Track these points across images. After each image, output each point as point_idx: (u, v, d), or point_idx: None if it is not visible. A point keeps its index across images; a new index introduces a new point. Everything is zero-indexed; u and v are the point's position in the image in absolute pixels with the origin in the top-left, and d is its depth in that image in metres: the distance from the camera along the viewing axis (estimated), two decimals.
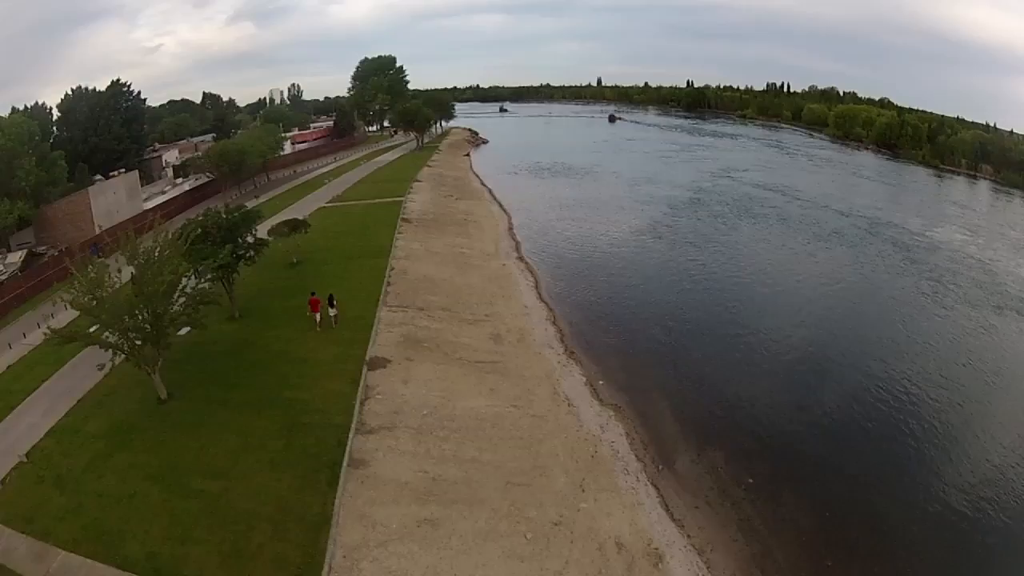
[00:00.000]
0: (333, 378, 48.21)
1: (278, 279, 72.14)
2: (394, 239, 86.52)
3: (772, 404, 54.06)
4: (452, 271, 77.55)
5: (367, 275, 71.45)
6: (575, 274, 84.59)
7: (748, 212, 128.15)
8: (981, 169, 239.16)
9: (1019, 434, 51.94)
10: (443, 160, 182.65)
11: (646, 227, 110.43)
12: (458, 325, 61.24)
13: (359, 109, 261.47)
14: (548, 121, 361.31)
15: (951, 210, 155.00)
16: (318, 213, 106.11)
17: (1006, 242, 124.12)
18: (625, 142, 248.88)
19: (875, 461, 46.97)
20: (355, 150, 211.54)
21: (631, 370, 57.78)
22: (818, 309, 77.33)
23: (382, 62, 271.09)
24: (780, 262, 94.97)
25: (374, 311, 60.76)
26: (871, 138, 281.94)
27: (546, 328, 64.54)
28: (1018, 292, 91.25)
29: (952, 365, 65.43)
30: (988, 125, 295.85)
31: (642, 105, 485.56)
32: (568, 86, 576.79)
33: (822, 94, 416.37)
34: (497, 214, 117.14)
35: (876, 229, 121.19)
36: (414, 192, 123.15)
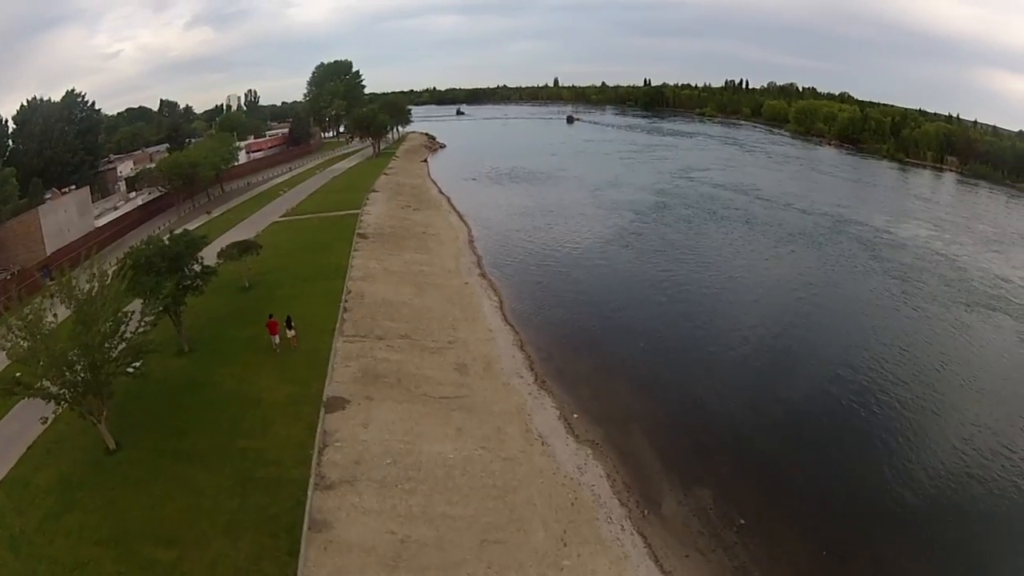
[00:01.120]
0: (288, 422, 44.75)
1: (229, 306, 68.37)
2: (350, 257, 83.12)
3: (756, 428, 52.01)
4: (412, 292, 74.13)
5: (322, 300, 67.85)
6: (541, 291, 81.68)
7: (713, 215, 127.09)
8: (947, 161, 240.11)
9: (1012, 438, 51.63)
10: (400, 167, 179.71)
11: (612, 235, 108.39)
12: (420, 355, 57.81)
13: (315, 115, 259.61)
14: (505, 123, 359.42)
15: (916, 205, 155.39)
16: (272, 228, 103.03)
17: (973, 236, 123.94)
18: (584, 144, 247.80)
19: (870, 488, 44.95)
20: (311, 158, 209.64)
21: (606, 399, 54.99)
22: (790, 319, 75.75)
23: (338, 66, 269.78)
24: (748, 269, 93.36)
25: (330, 342, 57.05)
26: (833, 133, 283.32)
27: (513, 354, 61.53)
28: (986, 288, 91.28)
29: (936, 372, 64.58)
30: (951, 116, 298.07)
31: (600, 105, 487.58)
32: (525, 87, 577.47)
33: (781, 90, 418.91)
34: (457, 225, 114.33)
35: (841, 227, 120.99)
36: (370, 203, 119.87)
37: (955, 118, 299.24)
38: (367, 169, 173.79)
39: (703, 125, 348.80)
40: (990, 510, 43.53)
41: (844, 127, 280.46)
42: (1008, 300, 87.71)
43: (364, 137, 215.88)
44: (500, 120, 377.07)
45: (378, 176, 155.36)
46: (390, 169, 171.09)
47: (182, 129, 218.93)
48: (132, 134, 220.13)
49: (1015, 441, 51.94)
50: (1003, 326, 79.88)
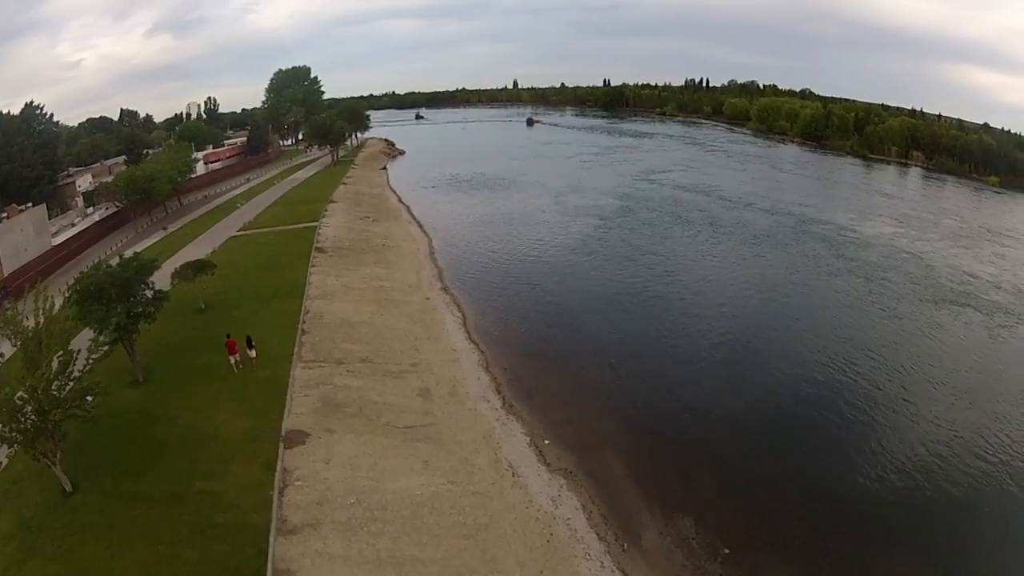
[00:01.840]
0: (247, 460, 42.73)
1: (185, 329, 65.81)
2: (308, 273, 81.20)
3: (733, 445, 51.12)
4: (372, 310, 72.05)
5: (280, 321, 65.84)
6: (505, 305, 79.86)
7: (678, 217, 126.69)
8: (912, 157, 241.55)
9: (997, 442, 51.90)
10: (359, 175, 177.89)
11: (576, 243, 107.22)
12: (381, 380, 55.75)
13: (274, 122, 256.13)
14: (465, 127, 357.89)
15: (881, 201, 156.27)
16: (229, 244, 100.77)
17: (939, 231, 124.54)
18: (544, 147, 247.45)
19: (855, 503, 44.24)
20: (270, 167, 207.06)
21: (577, 422, 53.30)
22: (759, 326, 75.42)
23: (296, 73, 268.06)
24: (715, 273, 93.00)
25: (288, 368, 55.15)
26: (796, 131, 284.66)
27: (479, 376, 59.44)
28: (954, 285, 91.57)
29: (910, 375, 64.77)
30: (915, 111, 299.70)
31: (559, 106, 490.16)
32: (484, 89, 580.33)
33: (742, 88, 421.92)
34: (417, 236, 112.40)
35: (805, 227, 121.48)
36: (329, 215, 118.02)
37: (919, 112, 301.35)
38: (325, 178, 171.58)
39: (663, 125, 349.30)
40: (974, 518, 43.63)
41: (807, 124, 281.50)
42: (977, 296, 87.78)
43: (322, 145, 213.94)
44: (460, 124, 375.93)
45: (336, 186, 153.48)
46: (349, 178, 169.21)
47: (140, 140, 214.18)
48: (92, 146, 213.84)
49: (996, 439, 52.68)
50: (972, 322, 80.00)
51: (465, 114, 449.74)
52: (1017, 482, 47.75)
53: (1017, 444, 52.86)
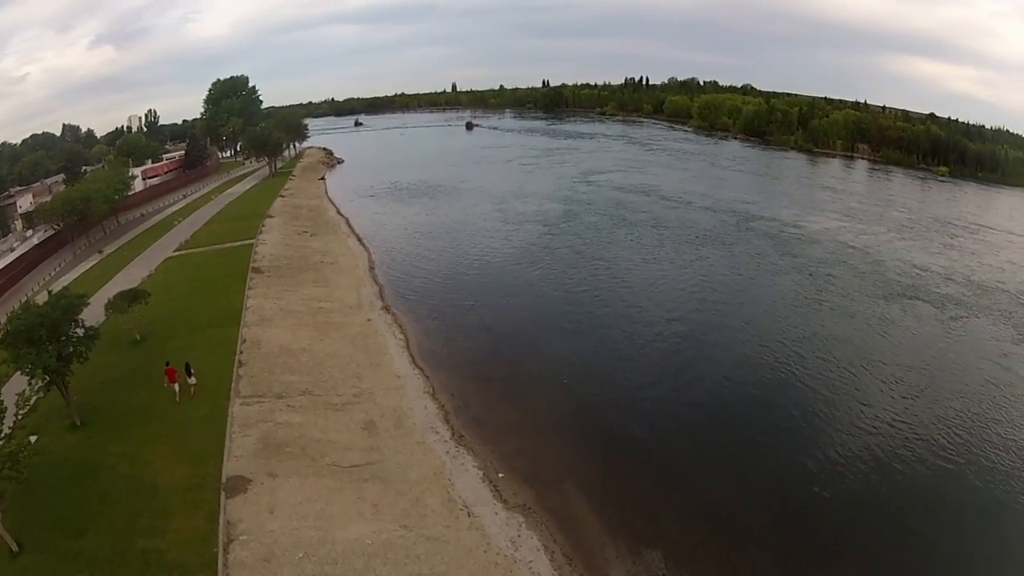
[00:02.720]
0: (188, 513, 40.45)
1: (121, 364, 62.72)
2: (245, 297, 79.00)
3: (696, 466, 49.93)
4: (311, 336, 69.72)
5: (216, 351, 63.27)
6: (449, 324, 77.63)
7: (622, 220, 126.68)
8: (858, 149, 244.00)
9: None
10: (297, 187, 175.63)
11: (520, 253, 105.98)
12: (323, 414, 53.51)
13: (212, 134, 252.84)
14: (404, 133, 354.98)
15: (826, 196, 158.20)
16: (165, 266, 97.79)
17: (887, 224, 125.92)
18: (484, 151, 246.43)
19: (827, 522, 43.76)
20: (208, 181, 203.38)
21: (533, 451, 51.45)
22: (709, 333, 74.92)
23: (234, 83, 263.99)
24: (663, 279, 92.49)
25: (226, 406, 52.87)
26: (739, 127, 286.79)
27: (425, 405, 57.08)
28: (903, 279, 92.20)
29: (865, 374, 65.13)
30: (860, 103, 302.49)
31: (498, 108, 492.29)
32: (423, 93, 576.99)
33: (683, 85, 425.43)
34: (356, 251, 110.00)
35: (749, 225, 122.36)
36: (266, 231, 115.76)
37: (864, 105, 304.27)
38: (263, 191, 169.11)
39: (603, 125, 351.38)
40: (937, 513, 44.94)
41: (750, 120, 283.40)
42: (927, 289, 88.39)
43: (260, 157, 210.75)
44: (399, 130, 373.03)
45: (274, 199, 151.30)
46: (286, 190, 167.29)
47: (79, 157, 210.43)
48: (33, 164, 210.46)
49: (949, 433, 53.90)
50: (924, 315, 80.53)
51: (404, 119, 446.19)
52: (971, 473, 48.61)
53: (969, 437, 53.55)
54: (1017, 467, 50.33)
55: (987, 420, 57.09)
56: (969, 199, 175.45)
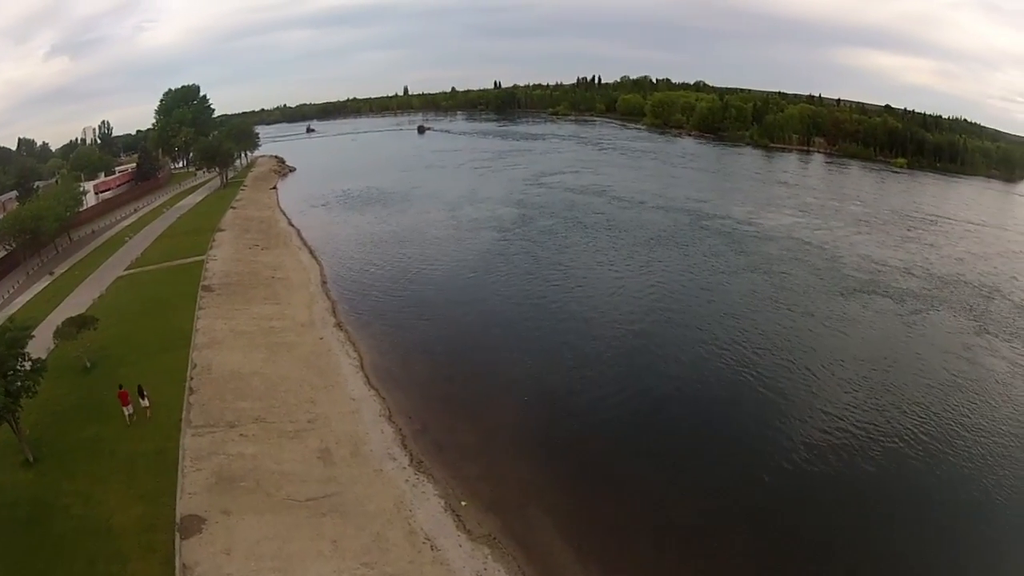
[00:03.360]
0: (144, 556, 38.80)
1: (71, 394, 60.37)
2: (195, 318, 77.24)
3: (661, 480, 49.29)
4: (263, 358, 67.82)
5: (168, 377, 61.26)
6: (404, 341, 75.80)
7: (576, 223, 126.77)
8: (814, 143, 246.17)
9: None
10: (248, 198, 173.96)
11: (475, 261, 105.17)
12: (277, 443, 51.85)
13: (164, 145, 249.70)
14: (356, 139, 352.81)
15: (781, 191, 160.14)
16: (116, 286, 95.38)
17: (843, 218, 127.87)
18: (436, 155, 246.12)
19: (800, 527, 43.89)
20: (160, 193, 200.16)
21: (495, 475, 49.86)
22: (668, 338, 74.84)
23: (186, 92, 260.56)
24: (619, 284, 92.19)
25: (178, 437, 51.19)
26: (692, 124, 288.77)
27: (382, 429, 55.31)
28: (860, 274, 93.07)
29: (827, 374, 65.52)
30: (814, 97, 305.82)
31: (450, 111, 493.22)
32: (375, 97, 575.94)
33: (635, 83, 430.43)
34: (308, 264, 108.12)
35: (704, 223, 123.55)
36: (216, 245, 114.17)
37: (818, 98, 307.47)
38: (214, 203, 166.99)
39: (555, 125, 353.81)
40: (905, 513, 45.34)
41: (703, 117, 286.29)
42: (885, 283, 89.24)
43: (211, 167, 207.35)
44: (351, 135, 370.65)
45: (225, 211, 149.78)
46: (238, 201, 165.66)
47: (33, 173, 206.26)
48: None
49: (914, 430, 54.81)
50: (884, 310, 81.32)
51: (356, 124, 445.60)
52: (941, 471, 49.70)
53: (937, 433, 54.55)
54: (983, 459, 51.10)
55: (953, 415, 57.79)
56: (927, 190, 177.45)
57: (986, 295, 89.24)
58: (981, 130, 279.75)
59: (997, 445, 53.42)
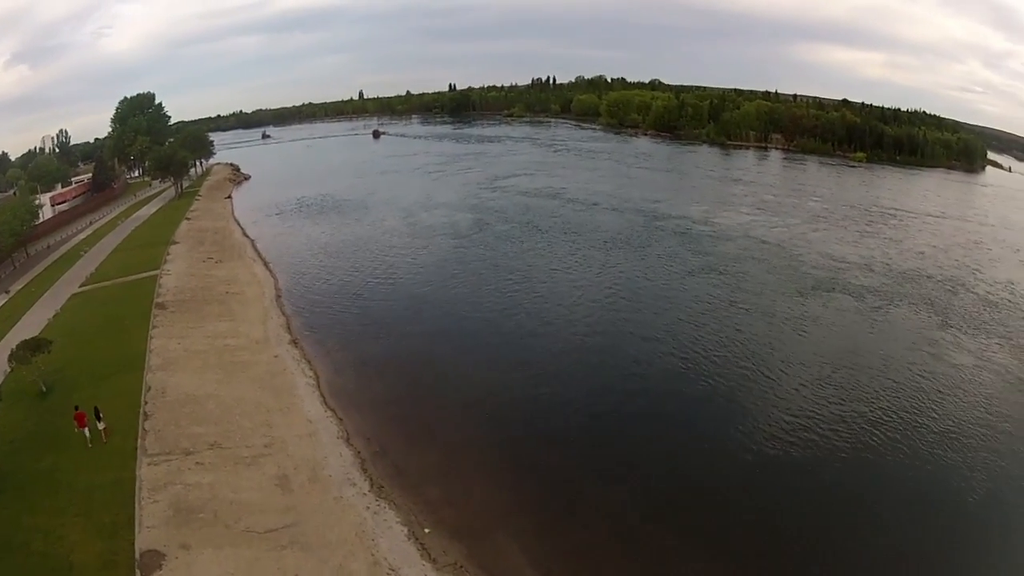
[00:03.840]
0: None
1: (28, 421, 58.94)
2: (149, 337, 75.74)
3: (632, 499, 48.02)
4: (218, 379, 66.07)
5: (121, 402, 59.69)
6: (361, 356, 74.14)
7: (533, 227, 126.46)
8: (771, 140, 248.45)
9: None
10: (203, 208, 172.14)
11: (432, 271, 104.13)
12: (234, 470, 50.41)
13: (120, 154, 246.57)
14: (311, 145, 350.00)
15: (739, 189, 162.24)
16: (71, 304, 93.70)
17: (801, 215, 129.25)
18: (391, 161, 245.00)
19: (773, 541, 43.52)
20: (116, 204, 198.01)
21: (459, 499, 48.41)
22: (630, 346, 73.98)
23: (141, 100, 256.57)
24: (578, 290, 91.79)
25: (134, 467, 49.92)
26: (648, 123, 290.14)
27: (340, 452, 53.78)
28: (818, 272, 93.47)
29: (788, 377, 65.71)
30: (770, 93, 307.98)
31: (405, 115, 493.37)
32: (330, 102, 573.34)
33: (590, 83, 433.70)
34: (262, 278, 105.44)
35: (660, 224, 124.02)
36: (171, 259, 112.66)
37: (775, 94, 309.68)
38: (168, 214, 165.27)
39: (510, 127, 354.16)
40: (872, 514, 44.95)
41: (659, 116, 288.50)
42: (845, 281, 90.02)
43: (166, 177, 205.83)
44: (306, 141, 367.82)
45: (179, 222, 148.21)
46: (192, 212, 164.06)
47: None
48: None
49: (887, 432, 55.13)
50: (844, 308, 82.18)
51: (312, 130, 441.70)
52: (910, 471, 50.26)
53: (904, 432, 55.27)
54: (950, 454, 52.05)
55: (918, 412, 58.60)
56: (887, 184, 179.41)
57: (949, 289, 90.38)
58: (941, 121, 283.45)
59: (964, 439, 54.30)
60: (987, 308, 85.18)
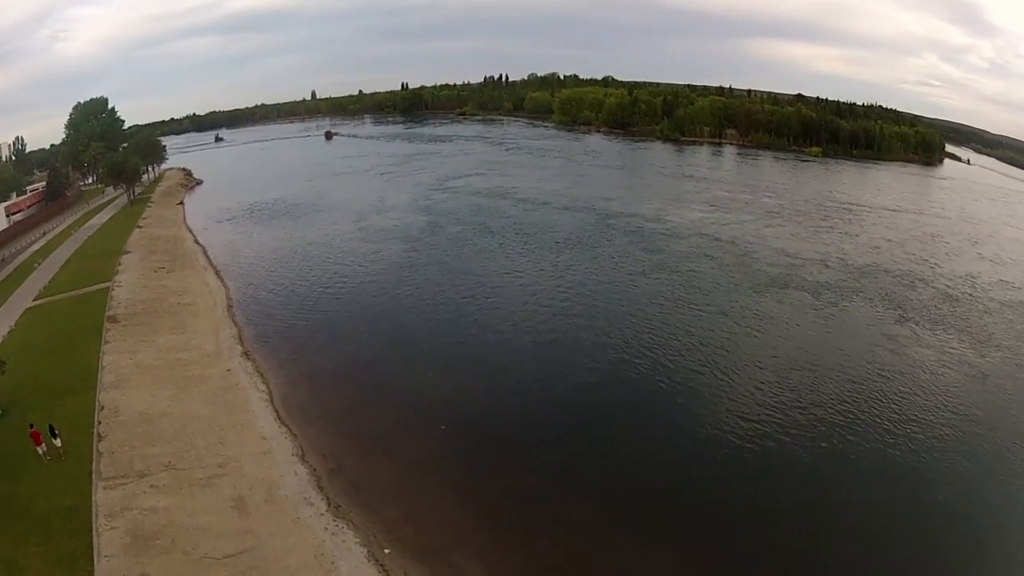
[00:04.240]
0: None
1: None
2: (101, 353, 74.02)
3: (595, 512, 47.75)
4: (170, 395, 64.51)
5: (75, 423, 57.66)
6: (315, 368, 72.74)
7: (485, 228, 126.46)
8: (726, 135, 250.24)
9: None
10: (155, 215, 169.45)
11: (384, 276, 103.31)
12: (190, 492, 49.17)
13: (74, 161, 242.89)
14: (264, 147, 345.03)
15: (691, 186, 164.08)
16: (25, 319, 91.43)
17: (755, 211, 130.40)
18: (343, 162, 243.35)
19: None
20: (69, 213, 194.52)
21: (420, 517, 47.48)
22: (585, 351, 74.15)
23: (94, 105, 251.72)
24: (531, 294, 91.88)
25: (90, 492, 48.58)
26: (602, 120, 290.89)
27: (296, 470, 52.72)
28: (772, 269, 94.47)
29: (743, 375, 66.73)
30: (725, 88, 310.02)
31: (358, 115, 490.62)
32: (283, 103, 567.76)
33: (543, 81, 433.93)
34: (214, 286, 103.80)
35: (612, 223, 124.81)
36: (122, 270, 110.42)
37: (729, 90, 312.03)
38: (121, 223, 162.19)
39: (462, 126, 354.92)
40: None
41: (613, 112, 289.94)
42: (800, 277, 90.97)
43: (118, 184, 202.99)
44: (259, 143, 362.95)
45: (131, 231, 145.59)
46: (144, 219, 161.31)
47: None
48: None
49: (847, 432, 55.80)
50: (799, 304, 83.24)
51: (265, 132, 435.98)
52: (857, 470, 51.22)
53: (864, 430, 56.33)
54: (910, 453, 53.28)
55: (879, 410, 59.60)
56: (842, 178, 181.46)
57: (907, 284, 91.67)
58: (898, 115, 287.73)
59: (926, 435, 55.62)
60: (945, 302, 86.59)
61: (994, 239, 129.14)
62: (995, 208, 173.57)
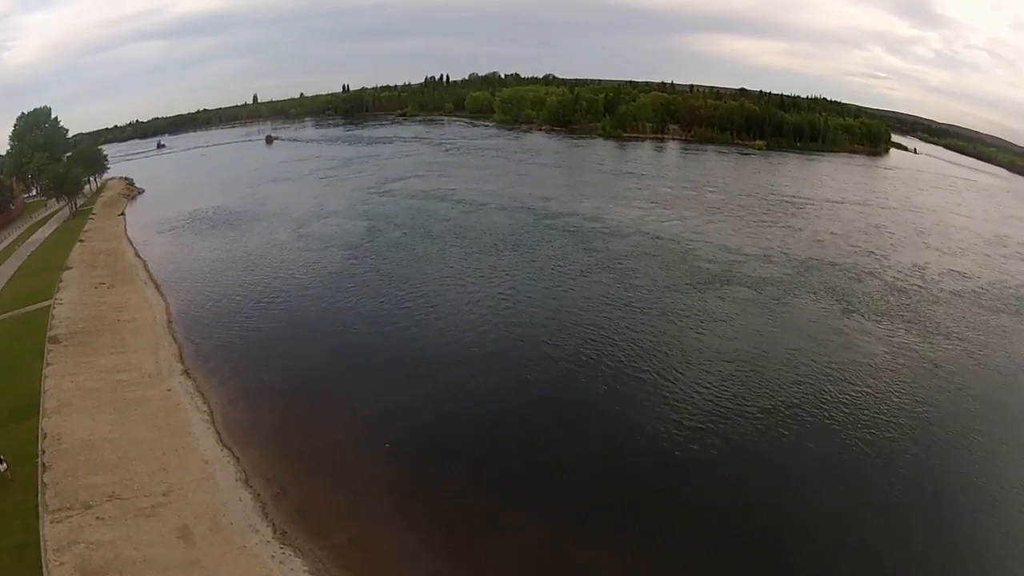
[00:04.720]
0: None
1: None
2: (43, 376, 71.96)
3: (548, 528, 47.61)
4: (112, 420, 62.95)
5: (19, 453, 56.25)
6: (256, 385, 71.57)
7: (423, 233, 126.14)
8: (668, 131, 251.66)
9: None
10: (96, 228, 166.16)
11: (326, 286, 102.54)
12: (135, 524, 48.00)
13: (18, 172, 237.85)
14: (205, 153, 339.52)
15: (632, 183, 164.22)
16: None
17: (697, 207, 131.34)
18: (283, 167, 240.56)
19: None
20: (13, 227, 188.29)
21: (367, 541, 47.11)
22: (532, 355, 74.88)
23: (38, 115, 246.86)
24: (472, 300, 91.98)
25: (37, 526, 47.29)
26: (543, 118, 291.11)
27: (240, 496, 51.73)
28: (713, 266, 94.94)
29: (686, 373, 67.22)
30: (666, 84, 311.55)
31: (299, 118, 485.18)
32: (225, 108, 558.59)
33: (484, 80, 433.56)
34: (154, 302, 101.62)
35: (551, 223, 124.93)
36: (64, 286, 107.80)
37: (671, 85, 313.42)
38: (62, 236, 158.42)
39: (403, 127, 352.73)
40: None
41: (554, 110, 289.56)
42: (743, 273, 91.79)
43: (60, 196, 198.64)
44: (200, 149, 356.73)
45: (73, 245, 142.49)
46: (86, 232, 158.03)
47: None
48: None
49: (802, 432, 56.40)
50: (742, 299, 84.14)
51: (207, 137, 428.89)
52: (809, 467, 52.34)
53: (816, 428, 57.15)
54: (858, 445, 54.42)
55: (827, 403, 60.66)
56: (785, 171, 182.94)
57: (853, 276, 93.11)
58: (843, 107, 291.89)
59: (876, 426, 56.99)
60: (893, 293, 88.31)
61: (940, 228, 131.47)
62: (940, 196, 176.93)
